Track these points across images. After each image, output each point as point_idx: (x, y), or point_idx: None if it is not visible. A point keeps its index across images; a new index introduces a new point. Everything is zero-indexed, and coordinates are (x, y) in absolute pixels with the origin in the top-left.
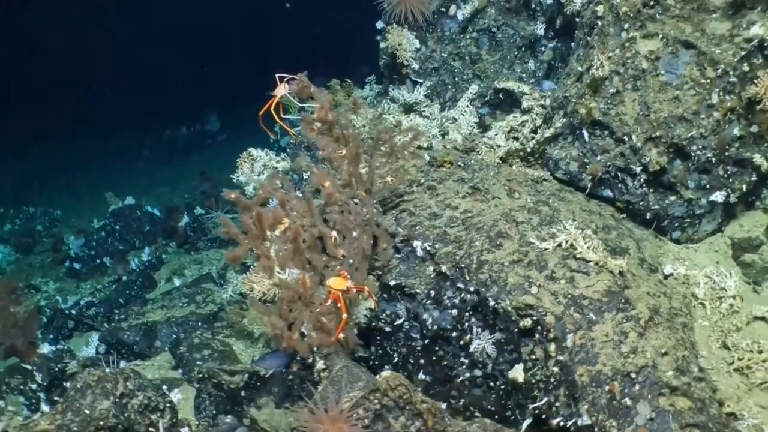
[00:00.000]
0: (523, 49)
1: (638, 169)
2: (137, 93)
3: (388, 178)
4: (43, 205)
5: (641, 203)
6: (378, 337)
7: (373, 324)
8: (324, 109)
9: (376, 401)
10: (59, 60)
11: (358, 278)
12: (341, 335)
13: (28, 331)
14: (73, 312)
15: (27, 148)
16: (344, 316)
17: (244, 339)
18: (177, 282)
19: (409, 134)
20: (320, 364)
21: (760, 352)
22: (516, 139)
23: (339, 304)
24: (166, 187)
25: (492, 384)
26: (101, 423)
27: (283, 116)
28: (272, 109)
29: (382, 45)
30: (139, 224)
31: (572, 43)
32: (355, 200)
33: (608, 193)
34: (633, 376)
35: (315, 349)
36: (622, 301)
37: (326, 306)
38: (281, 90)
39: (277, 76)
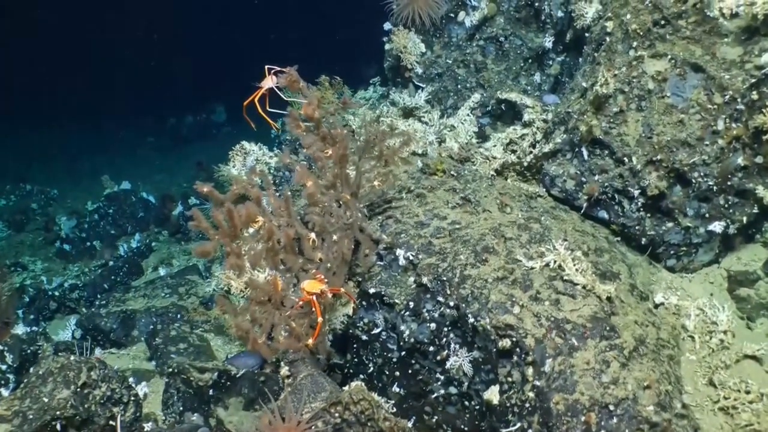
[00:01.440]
0: (529, 60)
1: (636, 192)
2: (146, 79)
3: (376, 183)
4: (40, 184)
5: (637, 227)
6: (354, 345)
7: (350, 331)
8: (311, 105)
9: (337, 415)
10: (67, 44)
11: (336, 283)
12: (310, 341)
13: (3, 311)
14: (56, 294)
15: (32, 128)
16: (319, 319)
17: (222, 335)
18: (162, 271)
19: (401, 139)
20: (285, 371)
21: (748, 392)
22: (514, 152)
23: (313, 308)
24: (165, 175)
25: (467, 403)
26: (58, 413)
27: (269, 109)
28: (257, 101)
29: (387, 47)
30: (133, 210)
31: (580, 59)
32: (339, 202)
33: (604, 214)
34: (611, 408)
35: (281, 353)
36: (608, 328)
37: (297, 309)
38: (268, 82)
39: (266, 67)
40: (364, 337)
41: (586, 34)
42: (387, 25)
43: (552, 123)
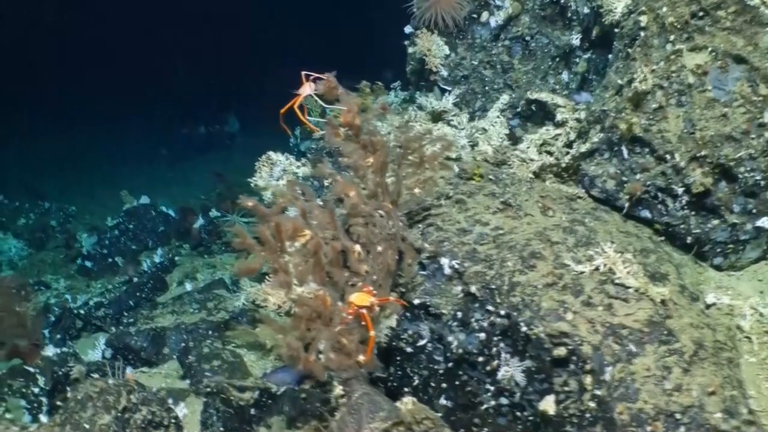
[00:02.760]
0: (557, 59)
1: (680, 190)
2: (157, 90)
3: (416, 190)
4: (56, 199)
5: (682, 226)
6: (398, 358)
7: (394, 344)
8: (351, 113)
9: None
10: (74, 54)
11: (382, 296)
12: (362, 357)
13: (32, 332)
14: (82, 312)
15: (41, 142)
16: (371, 333)
17: (255, 350)
18: (188, 286)
19: (440, 144)
20: (338, 390)
21: None
22: (550, 153)
23: (363, 322)
24: (181, 187)
25: (519, 414)
26: None
27: (309, 117)
28: (296, 107)
29: (411, 50)
30: (153, 224)
31: (609, 55)
32: (381, 212)
33: (646, 213)
34: (678, 416)
35: (333, 372)
36: (665, 332)
37: (347, 324)
38: (307, 89)
39: (303, 73)
40: (409, 350)
41: (616, 30)
42: (408, 29)
43: (586, 122)
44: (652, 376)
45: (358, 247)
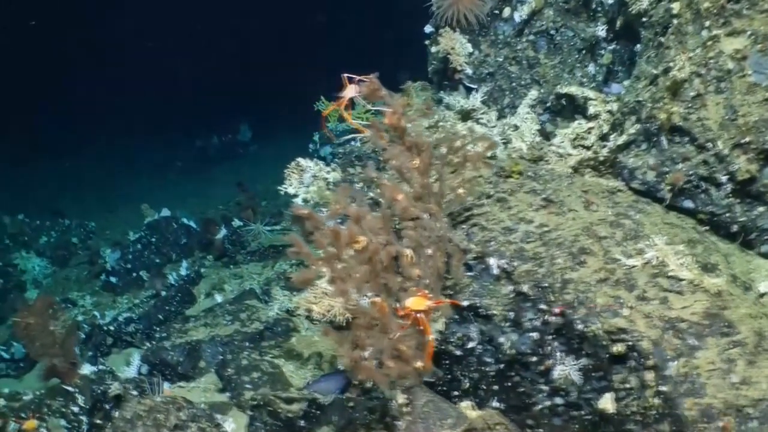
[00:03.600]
0: (583, 51)
1: (724, 178)
2: (168, 102)
3: (460, 190)
4: (75, 216)
5: (727, 215)
6: (446, 361)
7: (442, 347)
8: (396, 114)
9: None
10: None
11: (434, 300)
12: (419, 363)
13: (68, 351)
14: (112, 328)
15: (57, 160)
16: (430, 337)
17: (293, 360)
18: (218, 298)
19: (483, 143)
20: (402, 398)
21: None
22: (586, 147)
23: (419, 327)
24: (199, 198)
25: (575, 413)
26: None
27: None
28: (342, 109)
29: (433, 49)
30: (176, 237)
31: (637, 45)
32: (427, 215)
33: (689, 204)
34: (749, 411)
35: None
36: (724, 324)
37: (405, 330)
38: (351, 91)
39: (344, 76)
40: (458, 353)
41: (643, 19)
42: (428, 28)
43: (620, 114)
44: (717, 369)
45: (409, 251)
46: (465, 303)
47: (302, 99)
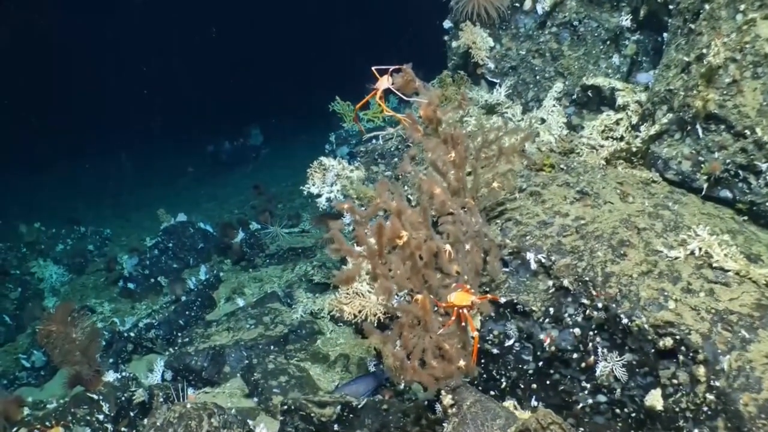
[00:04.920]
0: (607, 42)
1: (764, 166)
2: (179, 108)
3: (495, 184)
4: (89, 223)
5: (767, 204)
6: (482, 360)
7: (478, 346)
8: (432, 106)
9: None
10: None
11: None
12: (462, 363)
13: (90, 358)
14: (132, 335)
15: (68, 167)
16: (475, 334)
17: (319, 362)
18: (240, 302)
19: (519, 135)
20: (448, 399)
21: None
22: (618, 138)
23: (463, 323)
24: (212, 203)
25: (618, 411)
26: None
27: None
28: (378, 99)
29: (454, 44)
30: (192, 241)
31: (662, 35)
32: (464, 209)
33: (726, 193)
34: None
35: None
36: None
37: (448, 327)
38: (384, 83)
39: (374, 69)
40: (495, 351)
41: (670, 7)
42: (447, 23)
43: (651, 103)
44: None
45: (448, 247)
46: (502, 300)
47: (313, 101)
